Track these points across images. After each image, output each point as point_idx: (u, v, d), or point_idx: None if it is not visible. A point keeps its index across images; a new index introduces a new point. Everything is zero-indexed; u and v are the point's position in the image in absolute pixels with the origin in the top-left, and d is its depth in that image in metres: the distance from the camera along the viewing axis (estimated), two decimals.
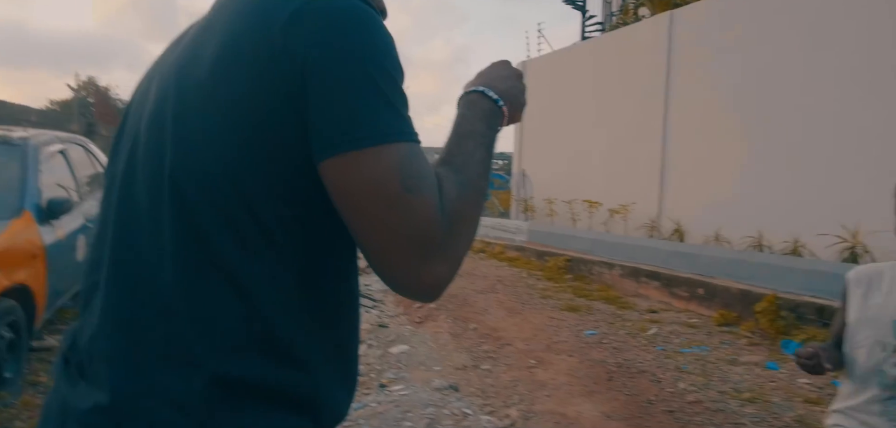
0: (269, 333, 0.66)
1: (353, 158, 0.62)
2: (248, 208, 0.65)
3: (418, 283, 0.65)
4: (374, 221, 0.63)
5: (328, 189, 0.65)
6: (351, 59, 0.64)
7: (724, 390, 3.84)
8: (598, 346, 4.81)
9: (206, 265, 0.66)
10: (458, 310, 5.80)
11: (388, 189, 0.62)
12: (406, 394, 3.68)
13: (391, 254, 0.64)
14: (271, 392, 0.66)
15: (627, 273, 7.04)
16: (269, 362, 0.66)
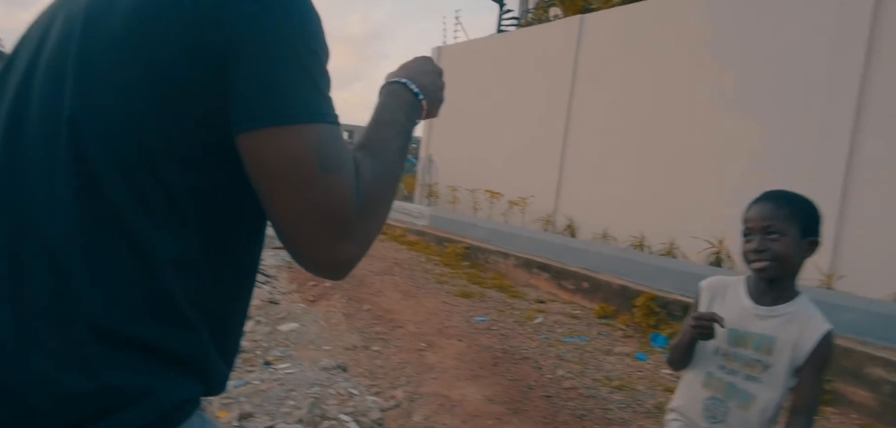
0: (165, 297, 0.65)
1: (273, 134, 0.63)
2: (152, 170, 0.64)
3: (329, 260, 0.67)
4: (290, 198, 0.64)
5: (245, 162, 0.65)
6: (279, 36, 0.64)
7: (597, 378, 4.11)
8: (488, 332, 4.98)
9: (103, 221, 0.63)
10: (354, 290, 5.77)
11: (307, 167, 0.63)
12: (292, 372, 3.62)
13: (304, 231, 0.65)
14: (164, 354, 0.64)
15: (521, 263, 7.32)
16: (163, 325, 0.64)
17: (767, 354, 1.48)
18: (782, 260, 1.45)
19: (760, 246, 1.46)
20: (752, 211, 1.53)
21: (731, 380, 1.52)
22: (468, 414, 3.33)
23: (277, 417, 3.08)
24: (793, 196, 1.52)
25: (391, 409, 3.40)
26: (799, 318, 1.47)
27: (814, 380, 1.44)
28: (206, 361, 0.70)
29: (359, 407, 3.34)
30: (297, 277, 6.14)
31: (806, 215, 1.49)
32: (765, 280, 1.51)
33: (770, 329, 1.49)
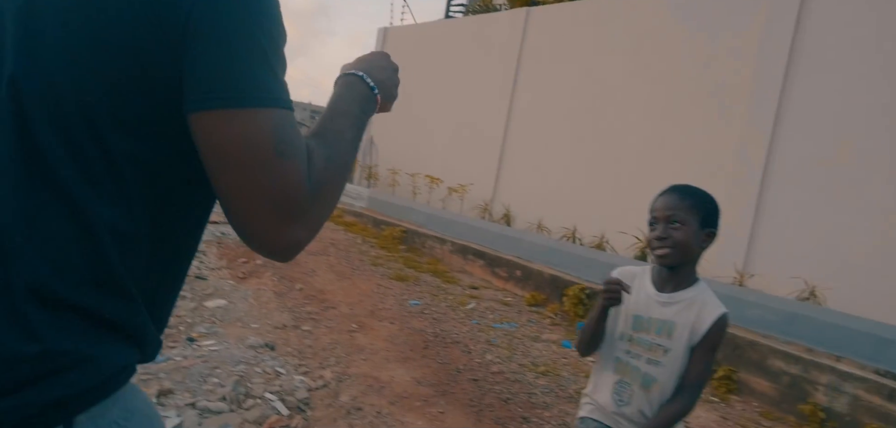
0: (106, 267, 0.64)
1: (229, 115, 0.63)
2: (96, 139, 0.63)
3: (278, 243, 0.68)
4: (242, 180, 0.64)
5: (197, 140, 0.64)
6: (238, 17, 0.64)
7: (524, 364, 4.23)
8: (420, 315, 5.02)
9: (46, 187, 0.62)
10: (286, 269, 5.67)
11: (261, 151, 0.63)
12: (216, 349, 3.53)
13: (255, 213, 0.65)
14: (104, 321, 0.64)
15: (457, 250, 7.40)
16: (104, 294, 0.64)
17: (667, 339, 1.58)
18: (682, 247, 1.56)
19: (663, 233, 1.57)
20: (658, 202, 1.63)
21: (635, 364, 1.61)
22: (396, 395, 3.36)
23: (199, 394, 3.00)
24: (695, 190, 1.64)
25: (319, 389, 3.38)
26: (697, 302, 1.58)
27: (705, 358, 1.55)
28: (142, 330, 0.70)
29: (285, 386, 3.30)
30: (226, 253, 5.96)
31: (706, 208, 1.60)
32: (666, 267, 1.61)
33: (670, 315, 1.59)
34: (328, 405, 3.17)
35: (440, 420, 3.15)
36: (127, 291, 0.67)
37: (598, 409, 1.68)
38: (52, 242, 0.62)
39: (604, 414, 1.67)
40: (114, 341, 0.66)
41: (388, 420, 3.04)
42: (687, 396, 1.55)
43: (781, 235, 5.92)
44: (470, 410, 3.35)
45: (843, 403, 3.91)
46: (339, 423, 2.98)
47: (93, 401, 0.63)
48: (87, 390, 0.62)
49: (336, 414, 3.07)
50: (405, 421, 3.06)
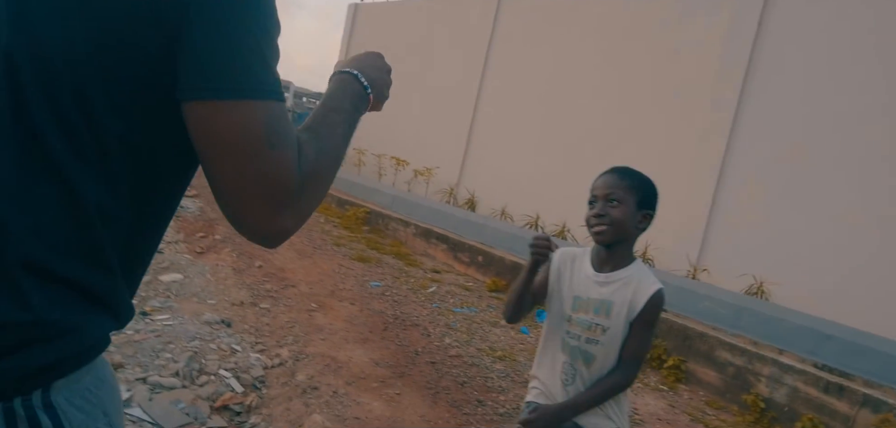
0: (93, 241, 0.66)
1: (223, 106, 0.65)
2: (87, 119, 0.64)
3: (266, 229, 0.71)
4: (234, 168, 0.66)
5: (190, 128, 0.66)
6: (234, 10, 0.65)
7: (482, 348, 4.29)
8: (381, 297, 5.02)
9: (38, 161, 0.63)
10: (246, 245, 5.58)
11: (253, 142, 0.66)
12: (170, 324, 3.46)
13: (245, 201, 0.68)
14: (89, 294, 0.67)
15: (420, 233, 7.41)
16: (89, 267, 0.66)
17: (606, 317, 1.61)
18: (618, 225, 1.60)
19: (601, 211, 1.61)
20: (598, 181, 1.67)
21: (575, 344, 1.64)
22: (353, 375, 3.37)
23: (151, 369, 2.95)
24: (635, 172, 1.68)
25: (275, 367, 3.36)
26: (633, 281, 1.63)
27: (642, 333, 1.60)
28: (120, 300, 0.72)
29: (241, 363, 3.27)
30: (184, 226, 5.84)
31: (643, 190, 1.65)
32: (603, 245, 1.65)
33: (607, 294, 1.62)
34: (284, 384, 3.16)
35: (396, 401, 3.18)
36: (109, 265, 0.69)
37: (544, 392, 1.72)
38: (44, 216, 0.64)
39: (550, 396, 1.70)
40: (96, 312, 0.68)
41: (343, 400, 3.05)
42: (624, 370, 1.60)
43: (734, 231, 6.14)
44: (426, 392, 3.39)
45: (783, 394, 4.10)
46: (295, 401, 2.98)
47: (72, 368, 0.66)
48: (69, 358, 0.65)
49: (292, 393, 3.06)
50: (361, 401, 3.08)
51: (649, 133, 6.91)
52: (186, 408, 2.72)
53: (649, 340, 1.64)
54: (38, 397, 0.63)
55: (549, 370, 1.70)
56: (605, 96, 7.49)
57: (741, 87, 6.24)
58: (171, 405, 2.71)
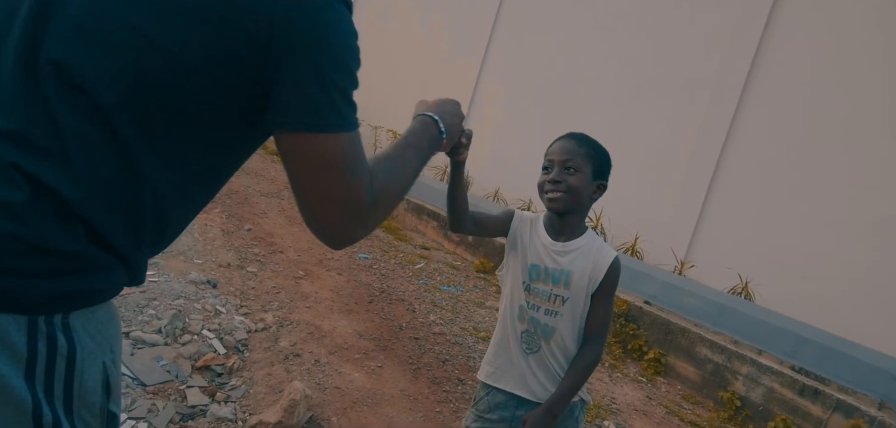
0: (137, 212, 0.77)
1: (311, 138, 0.77)
2: (161, 106, 0.74)
3: (339, 239, 0.85)
4: (317, 187, 0.79)
5: (280, 151, 0.80)
6: (322, 52, 0.76)
7: (465, 327, 4.32)
8: (368, 269, 5.03)
9: (108, 136, 0.73)
10: (237, 207, 5.56)
11: (335, 169, 0.79)
12: (155, 281, 3.46)
13: (324, 214, 0.82)
14: (118, 249, 0.76)
15: (412, 209, 7.41)
16: (127, 230, 0.76)
17: (565, 288, 1.58)
18: (574, 193, 1.56)
19: (558, 177, 1.57)
20: (554, 146, 1.64)
21: (534, 315, 1.61)
22: (336, 345, 3.39)
23: (134, 325, 2.95)
24: (591, 140, 1.65)
25: (259, 331, 3.37)
26: (591, 250, 1.61)
27: (604, 305, 1.59)
28: (140, 264, 0.83)
29: (225, 325, 3.28)
30: None
31: (599, 159, 1.61)
32: (557, 213, 1.62)
33: (566, 264, 1.59)
34: (266, 349, 3.17)
35: (377, 374, 3.20)
36: (143, 235, 0.80)
37: (501, 368, 1.66)
38: (107, 188, 0.74)
39: (508, 370, 1.65)
40: (120, 266, 0.78)
41: (325, 369, 3.07)
42: (594, 344, 1.58)
43: (723, 229, 6.17)
44: (408, 366, 3.41)
45: (759, 394, 4.16)
46: (277, 367, 2.99)
47: (91, 303, 0.76)
48: (91, 293, 0.75)
49: (274, 358, 3.08)
50: (342, 371, 3.10)
51: (648, 125, 6.91)
52: (168, 365, 2.73)
53: (611, 310, 1.63)
54: (58, 319, 0.72)
55: (512, 337, 1.65)
56: (606, 86, 7.47)
57: (744, 85, 6.23)
58: (153, 361, 2.72)
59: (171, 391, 2.56)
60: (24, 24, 0.75)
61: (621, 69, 7.34)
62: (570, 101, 7.82)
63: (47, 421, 0.71)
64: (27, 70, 0.73)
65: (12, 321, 0.68)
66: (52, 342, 0.71)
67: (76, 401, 0.75)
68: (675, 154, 6.53)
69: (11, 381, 0.68)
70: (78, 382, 0.74)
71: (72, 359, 0.73)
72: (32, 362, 0.70)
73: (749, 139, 6.18)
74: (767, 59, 6.17)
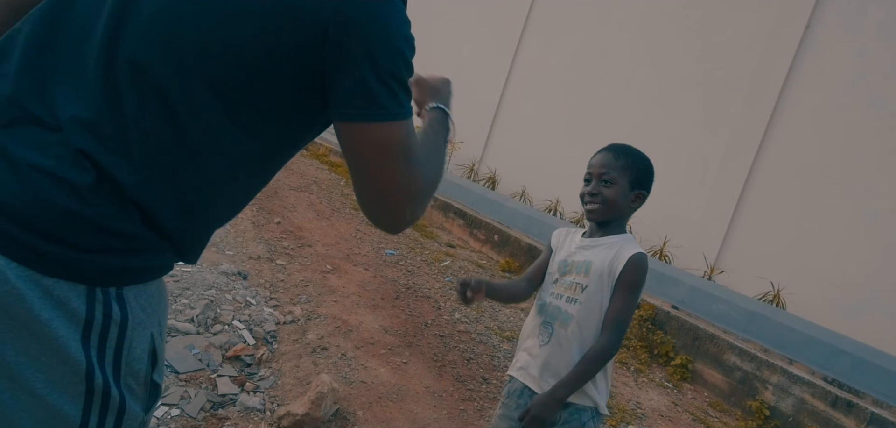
0: (195, 203, 0.83)
1: (370, 127, 0.81)
2: (222, 98, 0.78)
3: (399, 222, 0.89)
4: (377, 176, 0.83)
5: (340, 140, 0.83)
6: (378, 42, 0.79)
7: (490, 327, 4.32)
8: (395, 266, 5.07)
9: (183, 150, 0.79)
10: (267, 201, 5.66)
11: (395, 156, 0.82)
12: (189, 271, 3.55)
13: (386, 201, 0.86)
14: (170, 236, 0.81)
15: (438, 206, 7.44)
16: (184, 222, 0.82)
17: (584, 276, 1.65)
18: (610, 204, 1.65)
19: (594, 189, 1.67)
20: (594, 158, 1.72)
21: (556, 303, 1.69)
22: (362, 340, 3.43)
23: (168, 313, 3.04)
24: (631, 151, 1.71)
25: (287, 324, 3.44)
26: (616, 246, 1.66)
27: (622, 298, 1.61)
28: (195, 248, 0.90)
29: (255, 316, 3.35)
30: None
31: (638, 170, 1.68)
32: (595, 222, 1.72)
33: (589, 255, 1.68)
34: (294, 341, 3.23)
35: (402, 370, 3.24)
36: (195, 222, 0.86)
37: (521, 365, 1.75)
38: (163, 178, 0.79)
39: (529, 364, 1.73)
40: (170, 248, 0.83)
41: (351, 363, 3.11)
42: (607, 334, 1.60)
43: (756, 235, 6.05)
44: (433, 364, 3.44)
45: (789, 405, 4.08)
46: (304, 360, 3.05)
47: (145, 280, 0.82)
48: (145, 270, 0.81)
49: (302, 350, 3.14)
50: (368, 366, 3.14)
51: (678, 129, 6.80)
52: (199, 354, 2.80)
53: (630, 305, 1.63)
54: (113, 291, 0.78)
55: (533, 331, 1.74)
56: (637, 87, 7.37)
57: (781, 88, 6.09)
58: (185, 350, 2.80)
59: (202, 379, 2.63)
60: (105, 24, 0.80)
61: (651, 70, 7.25)
62: (598, 102, 7.74)
63: (98, 383, 0.77)
64: (107, 67, 0.78)
65: (73, 289, 0.74)
66: (108, 310, 0.77)
67: (124, 367, 0.80)
68: (707, 157, 6.41)
69: (68, 342, 0.73)
70: (127, 349, 0.80)
71: (123, 327, 0.79)
72: (89, 327, 0.75)
73: (786, 144, 6.03)
74: (808, 62, 6.01)
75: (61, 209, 0.72)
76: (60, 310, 0.73)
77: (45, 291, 0.72)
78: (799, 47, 6.05)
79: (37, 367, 0.73)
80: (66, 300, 0.73)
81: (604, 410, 1.67)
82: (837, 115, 5.73)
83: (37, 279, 0.71)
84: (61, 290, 0.73)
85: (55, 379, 0.74)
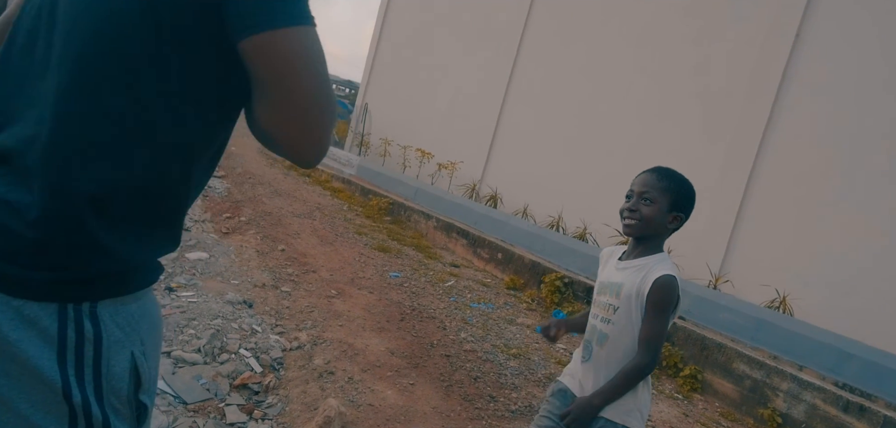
0: (152, 190, 0.80)
1: (281, 35, 0.73)
2: (152, 83, 0.76)
3: (319, 145, 0.81)
4: (299, 88, 0.75)
5: (251, 64, 0.75)
6: None
7: (497, 344, 4.31)
8: (399, 288, 5.08)
9: (123, 118, 0.77)
10: (270, 228, 5.69)
11: (314, 63, 0.76)
12: (195, 301, 3.56)
13: (310, 119, 0.78)
14: (130, 243, 0.80)
15: (441, 226, 7.45)
16: (139, 207, 0.80)
17: (616, 298, 1.72)
18: (647, 222, 1.71)
19: (634, 206, 1.73)
20: (638, 177, 1.79)
21: (594, 323, 1.79)
22: (369, 363, 3.43)
23: (175, 344, 3.05)
24: (674, 175, 1.77)
25: (293, 350, 3.44)
26: (647, 267, 1.71)
27: (651, 318, 1.67)
28: (163, 242, 0.87)
29: (261, 344, 3.36)
30: (211, 206, 5.97)
31: (678, 193, 1.73)
32: (632, 238, 1.78)
33: (621, 277, 1.75)
34: (301, 367, 3.23)
35: (409, 391, 3.23)
36: (135, 223, 0.81)
37: (571, 371, 1.86)
38: (111, 177, 0.77)
39: (574, 373, 1.84)
40: (138, 244, 0.81)
41: (358, 386, 3.11)
42: (640, 354, 1.67)
43: (758, 243, 6.05)
44: (440, 384, 3.43)
45: (801, 411, 4.04)
46: (311, 385, 3.04)
47: (117, 292, 0.79)
48: (113, 276, 0.79)
49: (308, 376, 3.13)
50: (375, 389, 3.13)
51: (677, 140, 6.84)
52: (207, 383, 2.80)
53: (660, 325, 1.68)
54: (86, 307, 0.76)
55: (579, 350, 1.86)
56: (634, 101, 7.42)
57: (775, 97, 6.13)
58: (193, 380, 2.80)
59: (210, 409, 2.63)
60: (45, 30, 0.80)
61: (649, 84, 7.30)
62: (597, 117, 7.79)
63: (76, 401, 0.76)
64: (49, 71, 0.78)
65: (43, 308, 0.74)
66: (80, 328, 0.76)
67: (105, 386, 0.79)
68: (706, 168, 6.43)
69: (41, 362, 0.73)
70: (105, 367, 0.79)
71: (98, 345, 0.78)
72: (64, 346, 0.75)
73: (783, 151, 6.06)
74: (800, 70, 6.06)
75: (12, 232, 0.73)
76: (31, 330, 0.73)
77: (16, 312, 0.73)
78: (791, 55, 6.10)
79: (18, 388, 0.74)
80: (36, 320, 0.73)
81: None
82: (834, 120, 5.76)
83: (7, 301, 0.72)
84: (31, 310, 0.73)
85: (36, 399, 0.74)
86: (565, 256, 6.33)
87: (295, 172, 9.69)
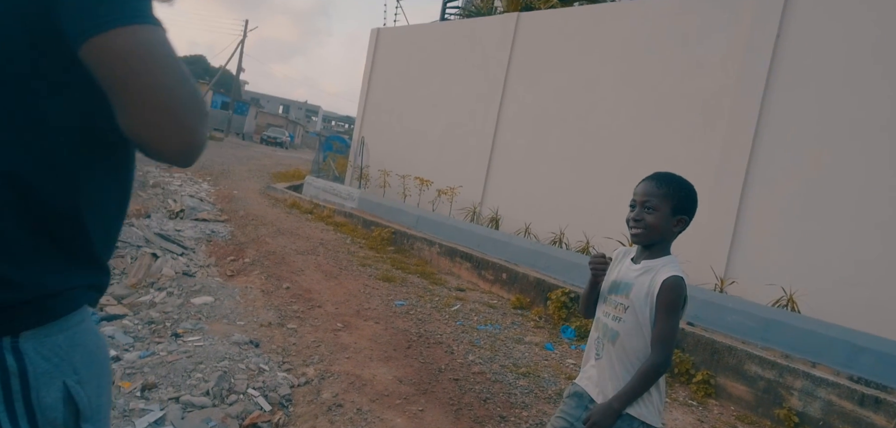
0: (53, 211, 0.80)
1: (112, 37, 0.71)
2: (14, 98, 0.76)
3: (191, 144, 0.77)
4: (145, 90, 0.72)
5: (95, 73, 0.72)
6: None
7: (505, 365, 4.29)
8: (405, 316, 5.07)
9: None
10: (275, 268, 5.71)
11: (156, 60, 0.73)
12: (201, 345, 3.57)
13: (166, 118, 0.74)
14: (31, 271, 0.79)
15: (445, 251, 7.46)
16: (32, 246, 0.79)
17: (626, 298, 1.77)
18: (652, 230, 1.77)
19: (638, 216, 1.79)
20: (639, 186, 1.84)
21: (605, 321, 1.83)
22: (377, 393, 3.42)
23: (183, 388, 3.05)
24: (674, 178, 1.82)
25: (301, 386, 3.44)
26: (656, 269, 1.75)
27: (662, 318, 1.71)
28: (67, 273, 0.85)
29: (268, 382, 3.35)
30: (215, 251, 6.00)
31: (680, 197, 1.79)
32: (641, 244, 1.84)
33: (632, 278, 1.79)
34: (310, 402, 3.23)
35: (419, 418, 3.21)
36: (50, 248, 0.80)
37: (584, 374, 1.88)
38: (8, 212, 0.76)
39: (587, 373, 1.87)
40: (51, 269, 0.80)
41: (367, 417, 3.10)
42: (654, 353, 1.71)
43: (761, 243, 6.03)
44: (449, 408, 3.41)
45: (817, 408, 4.00)
46: (320, 419, 3.04)
47: (36, 322, 0.78)
48: (25, 304, 0.77)
49: (317, 410, 3.13)
50: (385, 418, 3.12)
51: (671, 147, 6.87)
52: (217, 426, 2.80)
53: (670, 324, 1.72)
54: (7, 341, 0.75)
55: (590, 346, 1.90)
56: (625, 112, 7.48)
57: (762, 98, 6.17)
58: (203, 424, 2.80)
59: None
60: None
61: (638, 95, 7.36)
62: (590, 132, 7.84)
63: None
64: None
65: None
66: (3, 363, 0.76)
67: (39, 417, 0.79)
68: (701, 172, 6.44)
69: None
70: (36, 399, 0.78)
71: (24, 378, 0.77)
72: None
73: (776, 150, 6.07)
74: (784, 68, 6.10)
75: None
76: None
77: None
78: (774, 54, 6.15)
79: None
80: None
81: (656, 424, 1.76)
82: (820, 116, 5.78)
83: None
84: None
85: None
86: (570, 272, 6.32)
87: (297, 210, 9.75)
